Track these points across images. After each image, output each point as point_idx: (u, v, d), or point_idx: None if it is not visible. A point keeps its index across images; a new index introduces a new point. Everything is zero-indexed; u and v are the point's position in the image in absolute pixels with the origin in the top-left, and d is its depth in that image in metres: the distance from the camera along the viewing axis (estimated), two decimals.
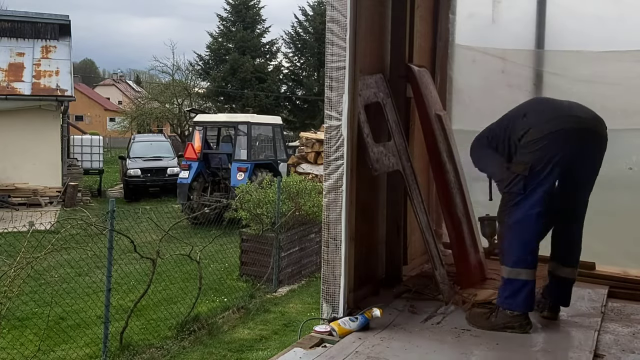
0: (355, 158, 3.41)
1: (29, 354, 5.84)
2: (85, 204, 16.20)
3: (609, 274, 4.21)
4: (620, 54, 4.25)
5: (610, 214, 4.36)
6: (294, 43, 38.96)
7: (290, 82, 39.00)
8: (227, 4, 37.80)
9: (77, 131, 25.07)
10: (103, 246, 6.57)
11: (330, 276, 3.39)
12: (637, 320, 3.60)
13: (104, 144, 23.13)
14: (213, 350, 6.51)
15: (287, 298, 8.68)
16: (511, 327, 3.30)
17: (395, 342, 3.11)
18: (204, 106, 35.13)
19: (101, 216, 7.81)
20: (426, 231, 3.76)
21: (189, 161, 14.58)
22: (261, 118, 16.78)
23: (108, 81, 68.74)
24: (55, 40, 19.39)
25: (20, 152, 16.22)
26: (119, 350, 6.27)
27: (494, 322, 3.34)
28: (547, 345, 3.20)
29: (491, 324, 3.34)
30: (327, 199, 3.38)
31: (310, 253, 10.02)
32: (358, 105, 3.45)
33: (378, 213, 3.96)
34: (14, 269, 5.22)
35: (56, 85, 17.38)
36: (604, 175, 3.51)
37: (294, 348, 3.08)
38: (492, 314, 3.38)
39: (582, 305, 3.75)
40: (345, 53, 3.27)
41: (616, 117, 4.33)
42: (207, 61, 37.91)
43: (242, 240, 9.41)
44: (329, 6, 3.30)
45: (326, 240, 3.40)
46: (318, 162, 15.55)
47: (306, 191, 9.73)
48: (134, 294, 7.25)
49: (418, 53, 4.30)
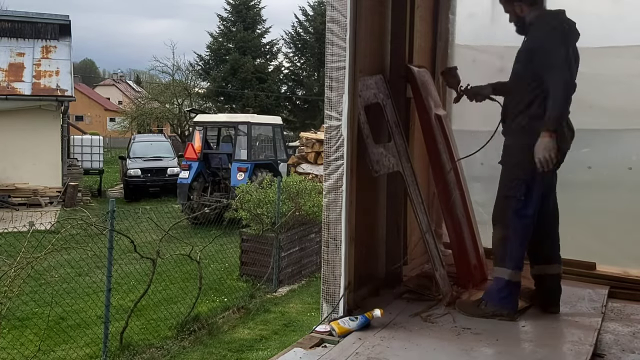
0: (355, 158, 3.41)
1: (29, 354, 5.84)
2: (85, 204, 16.20)
3: (609, 274, 4.21)
4: (619, 50, 4.24)
5: (610, 214, 4.36)
6: (294, 43, 38.97)
7: (291, 82, 39.00)
8: (228, 4, 37.81)
9: (77, 131, 25.08)
10: (103, 246, 6.57)
11: (330, 276, 3.39)
12: (637, 320, 3.60)
13: (104, 144, 23.14)
14: (213, 350, 6.51)
15: (287, 298, 8.68)
16: (500, 315, 3.41)
17: (395, 342, 3.11)
18: (204, 106, 35.14)
19: (101, 216, 7.82)
20: (426, 231, 3.76)
21: (189, 161, 14.57)
22: (261, 118, 16.78)
23: (108, 81, 68.74)
24: (55, 40, 19.39)
25: (20, 152, 16.21)
26: (119, 350, 6.27)
27: (484, 309, 3.44)
28: (547, 341, 3.20)
29: (482, 311, 3.44)
30: (327, 199, 3.38)
31: (310, 253, 10.02)
32: (358, 105, 3.45)
33: (378, 213, 3.96)
34: (14, 269, 5.22)
35: (56, 85, 17.38)
36: (604, 175, 3.52)
37: (294, 348, 3.08)
38: (482, 302, 3.49)
39: (583, 305, 3.75)
40: (345, 53, 3.27)
41: (616, 117, 4.33)
42: (207, 61, 37.92)
43: (242, 240, 9.41)
44: (329, 6, 3.30)
45: (326, 240, 3.40)
46: (318, 162, 15.55)
47: (306, 191, 9.73)
48: (134, 294, 7.25)
49: (418, 53, 4.30)
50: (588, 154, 4.53)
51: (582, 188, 4.46)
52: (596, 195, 3.72)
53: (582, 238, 4.31)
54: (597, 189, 3.70)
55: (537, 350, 3.08)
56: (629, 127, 4.49)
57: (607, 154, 3.85)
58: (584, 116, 4.34)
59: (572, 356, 3.00)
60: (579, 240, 4.26)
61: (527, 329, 3.39)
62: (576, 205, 4.34)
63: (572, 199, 4.30)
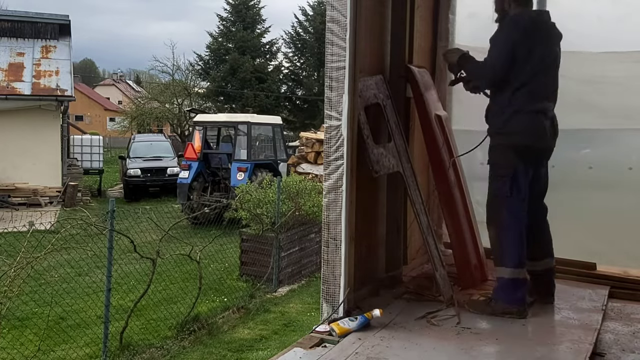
0: (355, 158, 3.41)
1: (29, 354, 5.84)
2: (85, 204, 16.19)
3: (609, 274, 4.21)
4: (621, 55, 4.26)
5: (610, 214, 4.36)
6: (294, 43, 38.95)
7: (290, 82, 38.99)
8: (227, 4, 37.79)
9: (77, 131, 25.07)
10: (103, 246, 6.57)
11: (330, 276, 3.39)
12: (637, 319, 3.60)
13: (104, 143, 23.14)
14: (213, 350, 6.51)
15: (287, 298, 8.68)
16: (510, 313, 3.45)
17: (395, 342, 3.11)
18: (204, 106, 35.12)
19: (101, 216, 7.83)
20: (426, 232, 3.76)
21: (189, 161, 14.58)
22: (261, 118, 16.78)
23: (108, 81, 68.74)
24: (55, 40, 19.39)
25: (20, 152, 16.21)
26: (119, 350, 6.27)
27: (493, 307, 3.49)
28: (547, 340, 3.20)
29: (492, 309, 3.49)
30: (327, 199, 3.38)
31: (310, 253, 10.02)
32: (358, 105, 3.44)
33: (378, 213, 3.96)
34: (14, 269, 5.22)
35: (56, 85, 17.38)
36: (604, 175, 3.52)
37: (294, 348, 3.08)
38: (492, 301, 3.53)
39: (583, 305, 3.74)
40: (345, 53, 3.27)
41: (616, 117, 4.33)
42: (207, 61, 37.90)
43: (242, 240, 9.41)
44: (329, 6, 3.30)
45: (326, 240, 3.40)
46: (318, 162, 15.55)
47: (306, 191, 9.73)
48: (134, 294, 7.25)
49: (418, 53, 4.30)
50: (588, 154, 4.53)
51: (582, 188, 4.47)
52: (596, 195, 3.72)
53: (582, 238, 4.32)
54: (597, 189, 3.71)
55: (537, 349, 3.07)
56: (629, 127, 4.49)
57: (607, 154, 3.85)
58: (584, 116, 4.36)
59: (571, 355, 3.00)
60: (579, 240, 4.26)
61: (527, 328, 3.39)
62: (576, 205, 4.35)
63: (572, 199, 4.31)
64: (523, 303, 3.48)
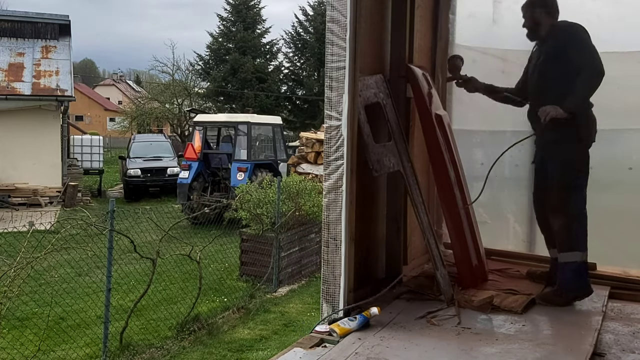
0: (355, 158, 3.41)
1: (29, 354, 5.84)
2: (85, 204, 16.21)
3: (609, 274, 4.21)
4: (621, 55, 4.26)
5: (610, 214, 4.36)
6: (294, 43, 38.94)
7: (291, 82, 38.98)
8: (228, 4, 37.78)
9: (77, 131, 25.10)
10: (103, 246, 6.57)
11: (330, 276, 3.39)
12: (637, 319, 3.60)
13: (104, 144, 23.16)
14: (213, 350, 6.51)
15: (287, 298, 8.68)
16: (579, 297, 3.71)
17: (395, 342, 3.11)
18: (204, 106, 35.11)
19: (101, 216, 7.81)
20: (427, 231, 3.75)
21: (189, 161, 14.58)
22: (261, 118, 16.78)
23: (108, 81, 68.73)
24: (55, 40, 19.40)
25: (20, 152, 16.22)
26: (119, 350, 6.27)
27: (566, 296, 3.69)
28: (547, 340, 3.20)
29: (564, 299, 3.68)
30: (327, 199, 3.38)
31: (310, 253, 10.02)
32: (358, 105, 3.44)
33: (378, 213, 3.96)
34: (14, 269, 5.22)
35: (56, 85, 17.38)
36: (604, 175, 3.53)
37: (294, 348, 3.07)
38: (562, 290, 3.72)
39: (583, 305, 3.74)
40: (345, 53, 3.27)
41: (616, 117, 4.33)
42: (207, 61, 37.90)
43: (242, 240, 9.42)
44: (329, 6, 3.30)
45: (326, 240, 3.40)
46: (318, 162, 15.53)
47: (306, 191, 9.73)
48: (134, 294, 7.25)
49: (418, 53, 4.29)
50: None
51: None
52: (596, 195, 3.73)
53: None
54: (597, 189, 3.71)
55: (537, 350, 3.07)
56: (629, 127, 4.49)
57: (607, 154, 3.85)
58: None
59: (571, 355, 3.00)
60: None
61: (527, 328, 3.38)
62: None
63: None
64: (589, 285, 3.70)
